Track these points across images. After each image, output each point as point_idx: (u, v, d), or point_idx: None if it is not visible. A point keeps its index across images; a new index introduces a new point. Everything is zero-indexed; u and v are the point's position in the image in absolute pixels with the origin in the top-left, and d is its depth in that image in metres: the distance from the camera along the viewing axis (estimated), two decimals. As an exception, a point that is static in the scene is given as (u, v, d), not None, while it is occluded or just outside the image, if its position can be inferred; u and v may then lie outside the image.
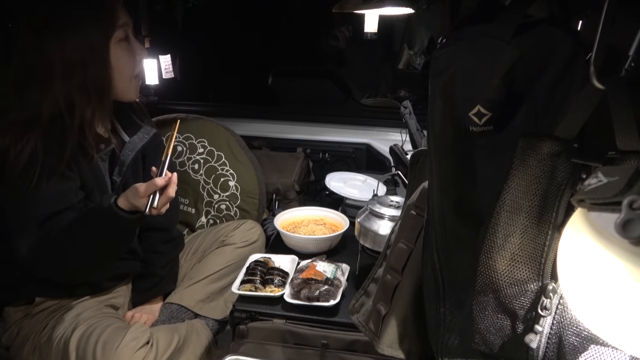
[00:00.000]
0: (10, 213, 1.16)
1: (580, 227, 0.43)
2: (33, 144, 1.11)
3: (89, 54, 1.13)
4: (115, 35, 1.16)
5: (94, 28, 1.13)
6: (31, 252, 1.14)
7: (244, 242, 1.65)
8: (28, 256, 1.15)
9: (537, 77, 0.60)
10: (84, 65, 1.13)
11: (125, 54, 1.20)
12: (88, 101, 1.15)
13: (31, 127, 1.11)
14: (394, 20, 3.19)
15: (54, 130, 1.13)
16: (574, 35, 0.59)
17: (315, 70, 2.67)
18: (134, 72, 1.24)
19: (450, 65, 0.65)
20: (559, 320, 0.57)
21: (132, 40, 1.21)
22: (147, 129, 1.36)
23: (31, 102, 1.12)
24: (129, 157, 1.29)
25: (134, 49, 1.22)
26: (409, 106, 1.73)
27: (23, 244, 1.14)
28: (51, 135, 1.13)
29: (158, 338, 1.25)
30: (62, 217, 1.15)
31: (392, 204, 1.27)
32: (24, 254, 1.14)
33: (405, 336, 0.84)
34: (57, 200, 1.15)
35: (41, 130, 1.12)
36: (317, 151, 2.34)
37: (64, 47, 1.11)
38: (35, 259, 1.16)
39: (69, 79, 1.12)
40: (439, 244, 0.72)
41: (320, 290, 1.20)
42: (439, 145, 0.69)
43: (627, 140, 0.47)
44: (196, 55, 2.81)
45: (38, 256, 1.16)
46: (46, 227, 1.13)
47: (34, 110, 1.12)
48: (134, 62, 1.23)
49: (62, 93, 1.13)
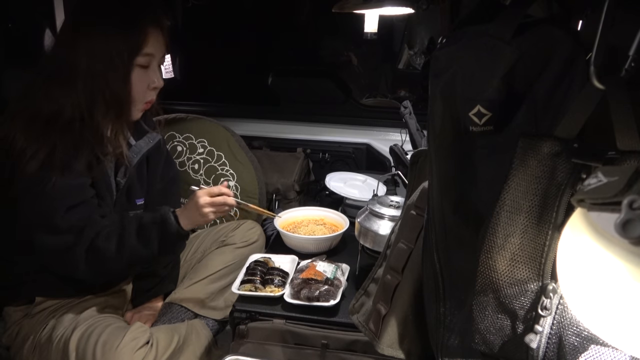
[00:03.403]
0: (27, 209, 1.17)
1: (580, 227, 0.43)
2: (52, 142, 1.14)
3: (110, 67, 1.17)
4: (137, 60, 1.20)
5: (121, 45, 1.17)
6: (58, 246, 1.17)
7: (244, 242, 1.66)
8: (56, 251, 1.17)
9: (537, 77, 0.60)
10: (105, 76, 1.17)
11: (138, 81, 1.23)
12: (107, 109, 1.20)
13: (51, 126, 1.15)
14: (394, 20, 3.19)
15: (72, 130, 1.17)
16: (574, 35, 0.59)
17: (315, 70, 2.66)
18: (144, 98, 1.27)
19: (450, 65, 0.65)
20: (559, 320, 0.57)
21: (151, 70, 1.25)
22: (152, 135, 1.40)
23: (55, 98, 1.16)
24: (134, 160, 1.32)
25: (149, 78, 1.25)
26: (409, 106, 1.73)
27: (47, 239, 1.17)
28: (69, 135, 1.17)
29: (158, 338, 1.25)
30: (80, 210, 1.18)
31: (392, 204, 1.27)
32: (50, 247, 1.17)
33: (405, 336, 0.84)
34: (73, 195, 1.18)
35: (60, 129, 1.16)
36: (317, 151, 2.34)
37: (91, 54, 1.16)
38: (63, 254, 1.18)
39: (91, 85, 1.17)
40: (439, 244, 0.72)
41: (320, 290, 1.20)
42: (439, 145, 0.69)
43: (627, 140, 0.47)
44: (196, 55, 2.80)
45: (68, 251, 1.17)
46: (67, 219, 1.16)
47: (56, 106, 1.16)
48: (144, 90, 1.26)
49: (84, 95, 1.17)
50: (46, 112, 1.16)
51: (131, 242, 1.20)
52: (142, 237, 1.21)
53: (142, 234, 1.22)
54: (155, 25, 1.22)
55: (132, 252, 1.21)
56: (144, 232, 1.22)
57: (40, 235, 1.17)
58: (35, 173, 1.12)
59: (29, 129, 1.14)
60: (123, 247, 1.20)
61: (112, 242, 1.20)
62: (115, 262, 1.21)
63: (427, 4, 1.18)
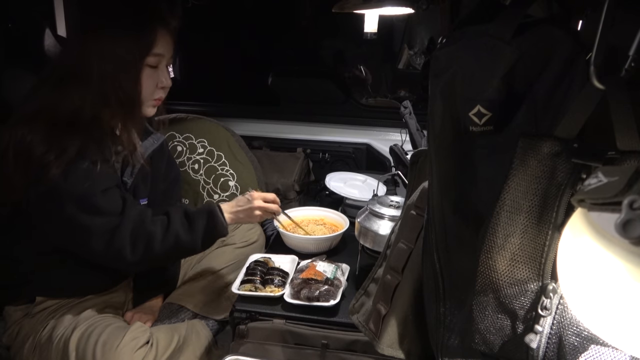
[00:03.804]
0: (66, 196, 1.16)
1: (580, 227, 0.43)
2: (76, 142, 1.15)
3: (122, 68, 1.19)
4: (147, 60, 1.22)
5: (132, 46, 1.19)
6: (103, 227, 1.17)
7: (243, 242, 1.66)
8: (101, 233, 1.17)
9: (537, 77, 0.60)
10: (118, 77, 1.19)
11: (148, 81, 1.25)
12: (121, 109, 1.22)
13: (72, 127, 1.16)
14: (394, 20, 3.18)
15: (91, 131, 1.19)
16: (574, 35, 0.59)
17: (315, 70, 2.67)
18: (152, 96, 1.29)
19: (450, 65, 0.65)
20: (559, 320, 0.57)
21: (160, 70, 1.27)
22: (156, 136, 1.41)
23: (71, 100, 1.18)
24: (140, 161, 1.32)
25: (158, 78, 1.27)
26: (409, 106, 1.73)
27: (91, 221, 1.16)
28: (89, 135, 1.18)
29: (158, 338, 1.25)
30: (115, 192, 1.21)
31: (392, 204, 1.27)
32: (95, 230, 1.17)
33: (405, 336, 0.84)
34: (107, 178, 1.21)
35: (82, 130, 1.17)
36: (317, 151, 2.34)
37: (103, 56, 1.18)
38: (108, 237, 1.18)
39: (104, 86, 1.18)
40: (439, 244, 0.72)
41: (320, 290, 1.20)
42: (439, 145, 0.69)
43: (627, 140, 0.47)
44: (196, 56, 2.81)
45: (114, 233, 1.18)
46: (105, 199, 1.18)
47: (73, 108, 1.17)
48: (153, 90, 1.28)
49: (99, 96, 1.19)
50: (65, 114, 1.17)
51: (176, 229, 1.22)
52: (187, 225, 1.24)
53: (188, 222, 1.25)
54: (164, 26, 1.25)
55: (177, 239, 1.22)
56: (190, 221, 1.25)
57: (84, 218, 1.16)
58: (62, 172, 1.13)
59: (50, 131, 1.14)
60: (168, 232, 1.22)
61: (158, 226, 1.22)
62: (160, 248, 1.21)
63: (427, 4, 1.18)
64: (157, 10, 1.24)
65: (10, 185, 1.16)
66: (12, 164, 1.14)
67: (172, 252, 1.25)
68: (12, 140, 1.14)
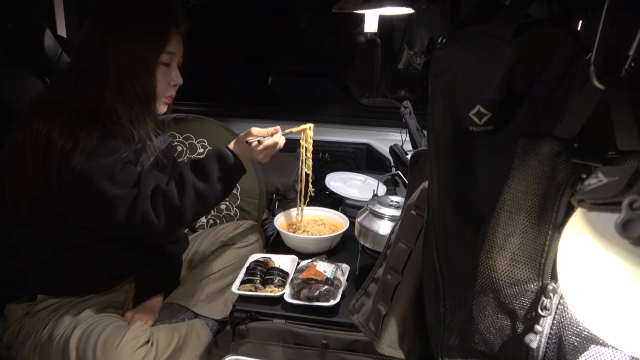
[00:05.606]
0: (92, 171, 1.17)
1: (580, 227, 0.43)
2: (96, 135, 1.18)
3: (138, 65, 1.24)
4: (161, 57, 1.28)
5: (147, 44, 1.25)
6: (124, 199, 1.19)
7: (243, 242, 1.66)
8: (123, 205, 1.19)
9: (537, 77, 0.60)
10: (135, 74, 1.24)
11: (162, 77, 1.31)
12: (138, 105, 1.26)
13: (93, 122, 1.20)
14: (394, 20, 3.18)
15: (111, 125, 1.23)
16: (574, 35, 0.59)
17: (315, 70, 2.66)
18: (165, 93, 1.35)
19: (450, 65, 0.66)
20: (559, 320, 0.57)
21: (172, 68, 1.34)
22: (164, 138, 1.44)
23: (91, 97, 1.22)
24: (149, 160, 1.34)
25: (170, 75, 1.33)
26: (409, 106, 1.73)
27: (112, 191, 1.18)
28: (109, 129, 1.22)
29: (158, 337, 1.26)
30: (132, 167, 1.24)
31: (392, 204, 1.27)
32: (116, 201, 1.19)
33: (405, 336, 0.84)
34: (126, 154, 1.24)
35: (101, 124, 1.21)
36: (317, 151, 2.34)
37: (118, 53, 1.22)
38: (131, 210, 1.20)
39: (122, 82, 1.23)
40: (439, 244, 0.72)
41: (320, 290, 1.20)
42: (439, 145, 0.69)
43: (627, 140, 0.47)
44: (196, 55, 2.80)
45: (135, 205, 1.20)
46: (125, 172, 1.21)
47: (93, 104, 1.21)
48: (166, 87, 1.34)
49: (117, 93, 1.23)
50: (84, 109, 1.20)
51: (192, 181, 1.24)
52: (200, 172, 1.27)
53: (201, 171, 1.27)
54: (177, 26, 1.31)
55: (196, 190, 1.24)
56: (201, 168, 1.28)
57: (109, 189, 1.18)
58: (84, 161, 1.16)
59: (69, 125, 1.17)
60: (185, 187, 1.23)
61: (172, 184, 1.24)
62: (182, 204, 1.23)
63: (427, 4, 1.18)
64: (171, 11, 1.30)
65: (28, 179, 1.19)
66: (29, 157, 1.17)
67: (196, 204, 1.26)
68: (28, 135, 1.17)
